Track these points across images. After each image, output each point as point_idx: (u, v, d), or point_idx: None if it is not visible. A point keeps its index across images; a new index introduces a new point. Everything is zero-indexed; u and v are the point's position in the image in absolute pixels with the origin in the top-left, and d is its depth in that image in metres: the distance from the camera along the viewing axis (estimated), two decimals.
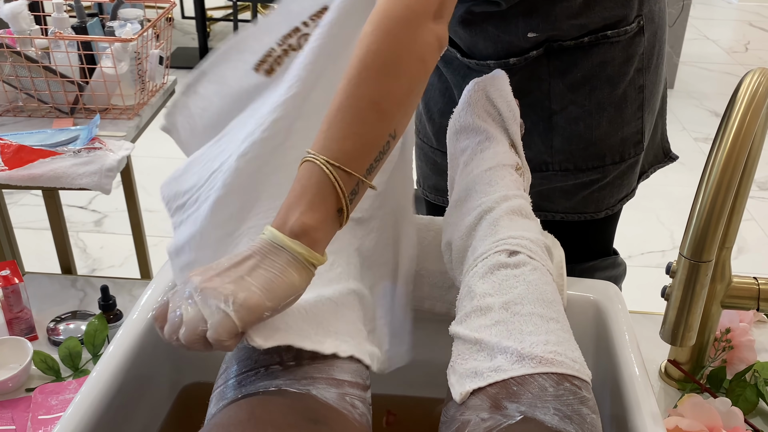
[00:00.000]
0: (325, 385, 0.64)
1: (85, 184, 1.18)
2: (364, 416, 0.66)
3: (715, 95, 3.83)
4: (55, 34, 1.35)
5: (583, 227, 1.13)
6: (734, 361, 0.93)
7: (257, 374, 0.64)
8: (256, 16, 4.45)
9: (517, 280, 0.72)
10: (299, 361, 0.64)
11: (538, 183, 1.07)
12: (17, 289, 0.99)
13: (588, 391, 0.64)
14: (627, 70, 1.01)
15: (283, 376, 0.63)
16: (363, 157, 0.64)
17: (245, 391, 0.63)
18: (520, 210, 0.82)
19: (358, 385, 0.67)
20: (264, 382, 0.63)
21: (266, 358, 0.65)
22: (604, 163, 1.05)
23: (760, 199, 2.83)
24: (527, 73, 1.00)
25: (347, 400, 0.65)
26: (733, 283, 0.88)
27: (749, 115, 0.68)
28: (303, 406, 0.61)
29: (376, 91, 0.65)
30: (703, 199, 0.68)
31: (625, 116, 1.03)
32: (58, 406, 0.88)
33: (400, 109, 0.66)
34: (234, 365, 0.67)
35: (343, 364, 0.66)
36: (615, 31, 0.98)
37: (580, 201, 1.09)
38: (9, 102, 1.42)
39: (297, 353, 0.65)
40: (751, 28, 5.12)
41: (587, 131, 1.02)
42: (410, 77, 0.66)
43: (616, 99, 1.01)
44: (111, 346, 0.80)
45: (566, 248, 1.19)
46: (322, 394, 0.63)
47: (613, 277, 1.21)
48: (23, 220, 2.49)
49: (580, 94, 1.00)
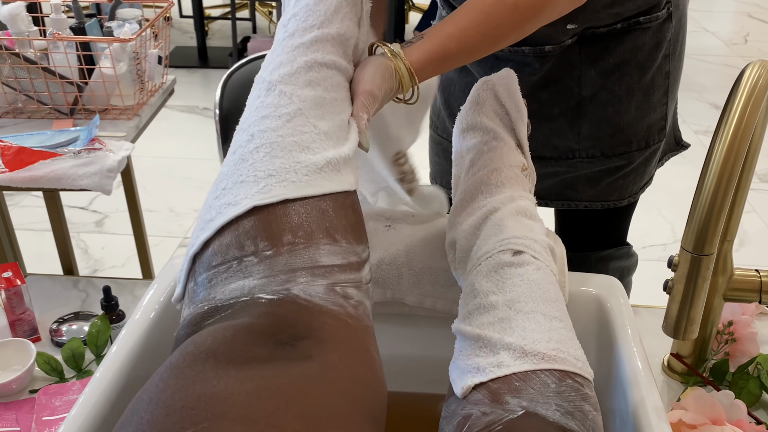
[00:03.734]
0: (309, 277, 0.55)
1: (86, 185, 1.18)
2: (360, 305, 0.58)
3: (715, 87, 3.82)
4: (54, 35, 1.35)
5: (603, 216, 1.15)
6: (737, 353, 0.93)
7: (229, 269, 0.56)
8: (253, 14, 4.45)
9: (520, 278, 0.72)
10: (277, 249, 0.56)
11: (564, 171, 1.09)
12: (20, 290, 0.99)
13: (590, 389, 0.64)
14: (656, 56, 1.03)
15: (258, 272, 0.55)
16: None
17: (214, 298, 0.56)
18: (525, 211, 0.82)
19: (351, 267, 0.59)
20: (236, 284, 0.55)
21: (239, 248, 0.57)
22: (630, 149, 1.07)
23: (761, 191, 2.83)
24: (558, 61, 1.02)
25: (337, 291, 0.56)
26: (735, 275, 0.87)
27: (749, 107, 0.68)
28: (277, 322, 0.53)
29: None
30: (704, 192, 0.68)
31: (652, 102, 1.05)
32: (62, 407, 0.88)
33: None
34: (208, 251, 0.58)
35: (329, 245, 0.58)
36: (647, 17, 1.00)
37: (605, 188, 1.10)
38: (8, 104, 1.41)
39: (273, 239, 0.56)
40: (750, 19, 5.10)
41: (616, 117, 1.04)
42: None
43: (644, 85, 1.04)
44: (114, 346, 0.80)
45: (585, 236, 1.21)
46: (306, 291, 0.55)
47: (626, 267, 1.22)
48: (24, 221, 2.49)
49: (610, 80, 1.02)
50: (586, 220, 1.16)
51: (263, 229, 0.56)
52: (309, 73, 0.65)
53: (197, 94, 3.64)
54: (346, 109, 0.67)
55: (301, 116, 0.63)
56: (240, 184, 0.59)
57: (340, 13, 0.69)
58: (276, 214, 0.57)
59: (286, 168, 0.59)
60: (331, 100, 0.66)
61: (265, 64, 0.68)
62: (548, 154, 1.09)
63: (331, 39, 0.68)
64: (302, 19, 0.68)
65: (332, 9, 0.69)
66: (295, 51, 0.66)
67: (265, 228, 0.56)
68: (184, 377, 0.49)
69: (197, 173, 2.90)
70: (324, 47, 0.67)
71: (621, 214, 1.18)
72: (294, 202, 0.58)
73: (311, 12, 0.68)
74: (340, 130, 0.65)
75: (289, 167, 0.59)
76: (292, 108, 0.63)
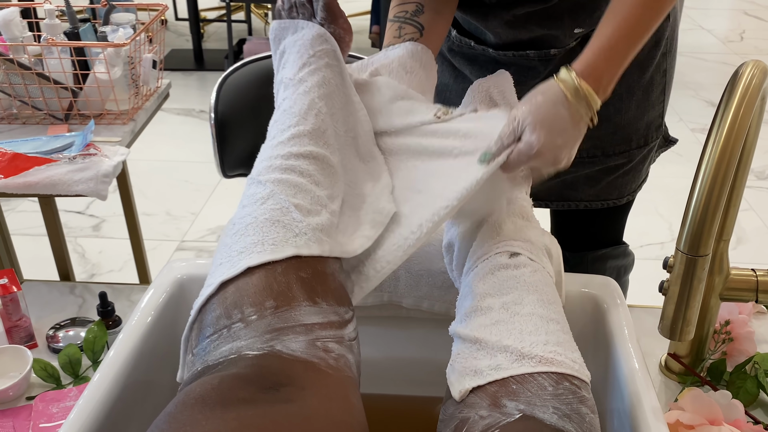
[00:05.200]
0: (292, 336, 0.60)
1: (81, 190, 1.18)
2: (341, 358, 0.62)
3: (712, 85, 3.83)
4: (48, 41, 1.35)
5: (599, 215, 1.15)
6: (734, 353, 0.93)
7: (220, 337, 0.61)
8: (249, 16, 4.44)
9: (517, 281, 0.72)
10: (261, 314, 0.61)
11: (564, 172, 1.09)
12: (16, 297, 0.99)
13: (587, 391, 0.64)
14: (655, 54, 1.04)
15: (245, 335, 0.60)
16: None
17: (206, 361, 0.61)
18: (522, 212, 0.82)
19: (331, 325, 0.63)
20: (226, 347, 0.60)
21: (228, 317, 0.62)
22: (630, 147, 1.08)
23: (758, 188, 2.83)
24: (561, 63, 1.02)
25: (318, 345, 0.61)
26: (732, 275, 0.87)
27: (742, 108, 0.68)
28: (261, 372, 0.58)
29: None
30: (699, 193, 0.68)
31: (651, 100, 1.06)
32: (59, 414, 0.88)
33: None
34: (202, 328, 0.63)
35: (310, 306, 0.62)
36: None
37: (605, 187, 1.11)
38: (3, 110, 1.41)
39: (258, 305, 0.61)
40: (746, 17, 5.11)
41: (616, 116, 1.05)
42: None
43: (644, 83, 1.05)
44: (111, 352, 0.80)
45: (581, 235, 1.21)
46: (288, 346, 0.59)
47: (623, 266, 1.23)
48: (21, 226, 2.48)
49: None
50: (582, 220, 1.16)
51: (248, 297, 0.61)
52: (286, 162, 0.72)
53: (193, 97, 3.64)
54: (325, 189, 0.72)
55: (273, 197, 0.69)
56: (218, 266, 0.65)
57: (314, 109, 0.76)
58: (258, 284, 0.62)
59: (254, 242, 0.65)
60: (306, 183, 0.71)
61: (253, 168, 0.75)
62: None
63: (307, 134, 0.74)
64: (280, 122, 0.76)
65: (305, 108, 0.76)
66: (274, 149, 0.73)
67: (250, 296, 0.61)
68: (177, 422, 0.54)
69: (194, 176, 2.89)
70: (300, 141, 0.74)
71: (617, 213, 1.18)
72: (275, 272, 0.63)
73: (287, 115, 0.76)
74: (314, 205, 0.70)
75: (258, 241, 0.65)
76: (266, 191, 0.69)
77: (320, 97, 0.77)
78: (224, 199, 2.73)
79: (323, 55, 0.81)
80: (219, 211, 2.66)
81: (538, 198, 1.14)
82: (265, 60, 1.30)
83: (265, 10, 4.61)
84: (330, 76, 0.80)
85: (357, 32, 4.59)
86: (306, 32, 0.82)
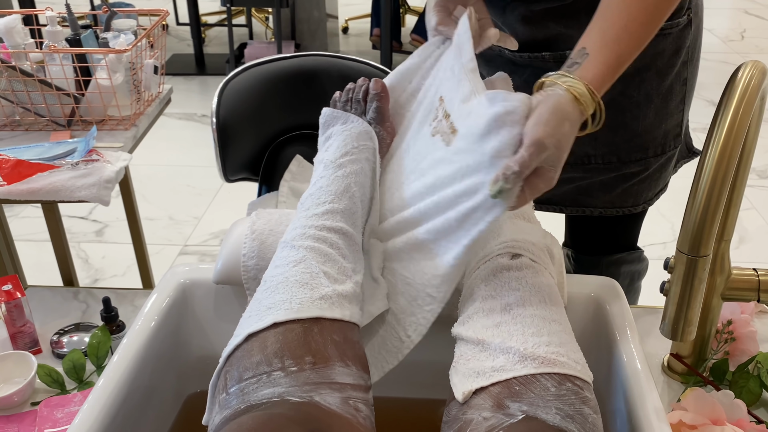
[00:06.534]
0: (328, 390, 0.64)
1: (84, 196, 1.18)
2: (368, 419, 0.66)
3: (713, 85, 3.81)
4: (50, 48, 1.36)
5: (615, 220, 1.14)
6: (736, 352, 0.93)
7: (259, 381, 0.64)
8: (250, 20, 4.45)
9: (519, 282, 0.72)
10: (301, 367, 0.65)
11: (579, 177, 1.08)
12: (20, 303, 0.99)
13: (589, 392, 0.65)
14: (675, 62, 1.02)
15: (286, 383, 0.64)
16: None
17: (248, 400, 0.63)
18: (523, 213, 0.83)
19: (360, 388, 0.67)
20: (267, 390, 0.63)
21: (268, 364, 0.65)
22: (646, 155, 1.06)
23: (760, 187, 2.83)
24: None
25: (350, 404, 0.65)
26: (733, 275, 0.88)
27: (741, 109, 0.68)
28: (305, 416, 0.61)
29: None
30: (699, 193, 0.68)
31: (670, 108, 1.05)
32: (64, 419, 0.88)
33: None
34: (234, 370, 0.67)
35: (342, 368, 0.67)
36: (669, 23, 0.99)
37: (620, 194, 1.10)
38: (6, 117, 1.42)
39: (298, 359, 0.65)
40: (746, 16, 5.11)
41: (633, 123, 1.04)
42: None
43: (663, 91, 1.03)
44: (115, 357, 0.80)
45: (596, 240, 1.20)
46: (325, 399, 0.63)
47: (637, 271, 1.22)
48: (24, 232, 2.49)
49: (630, 85, 1.01)
50: (597, 224, 1.15)
51: (288, 350, 0.66)
52: (318, 232, 0.78)
53: (195, 102, 3.64)
54: (351, 262, 0.78)
55: (304, 261, 0.74)
56: (247, 318, 0.71)
57: (349, 192, 0.83)
58: (298, 340, 0.67)
59: (283, 300, 0.70)
60: (335, 254, 0.77)
61: (286, 232, 0.81)
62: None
63: (340, 212, 0.81)
64: (317, 197, 0.83)
65: (341, 189, 0.83)
66: (309, 219, 0.80)
67: (290, 349, 0.66)
68: None
69: (196, 180, 2.90)
70: (333, 217, 0.80)
71: (633, 219, 1.17)
72: (312, 331, 0.68)
73: (324, 192, 0.83)
74: (341, 274, 0.75)
75: (286, 299, 0.70)
76: (299, 256, 0.75)
77: (356, 184, 0.85)
78: (226, 203, 2.74)
79: (365, 150, 0.89)
80: (221, 216, 2.66)
81: (553, 203, 1.13)
82: (267, 64, 1.30)
83: (265, 14, 4.62)
84: (367, 169, 0.88)
85: (358, 35, 4.61)
86: (355, 126, 0.91)
